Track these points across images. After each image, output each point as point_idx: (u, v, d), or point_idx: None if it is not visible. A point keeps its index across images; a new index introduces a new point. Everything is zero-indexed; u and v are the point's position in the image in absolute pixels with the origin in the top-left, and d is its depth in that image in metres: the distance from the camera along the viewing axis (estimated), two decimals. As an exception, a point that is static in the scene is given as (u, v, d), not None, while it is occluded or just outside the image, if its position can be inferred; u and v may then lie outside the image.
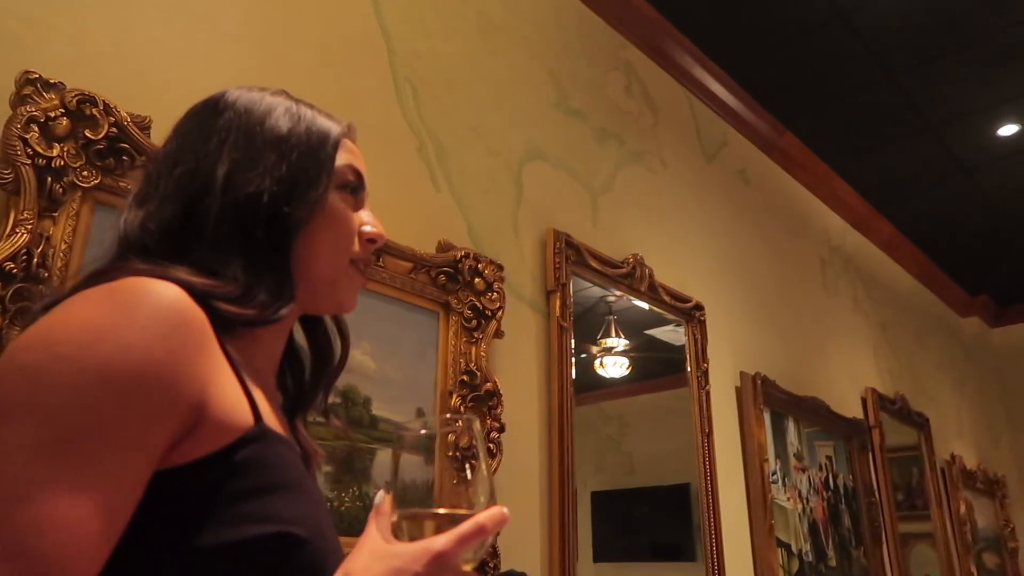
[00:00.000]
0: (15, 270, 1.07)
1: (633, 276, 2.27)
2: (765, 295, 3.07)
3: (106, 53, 1.29)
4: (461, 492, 0.62)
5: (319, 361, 0.84)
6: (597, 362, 2.29)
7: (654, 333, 2.47)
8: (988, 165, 3.73)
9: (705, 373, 2.44)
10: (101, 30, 1.29)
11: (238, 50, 1.49)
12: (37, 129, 1.13)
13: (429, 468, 0.63)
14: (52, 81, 1.17)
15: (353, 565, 0.58)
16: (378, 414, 1.51)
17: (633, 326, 2.38)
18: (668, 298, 2.39)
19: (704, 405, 2.39)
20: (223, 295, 0.65)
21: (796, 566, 2.67)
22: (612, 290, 2.23)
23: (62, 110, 1.16)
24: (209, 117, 0.74)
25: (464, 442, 0.64)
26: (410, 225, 1.68)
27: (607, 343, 2.30)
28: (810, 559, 2.76)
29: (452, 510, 0.60)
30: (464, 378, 1.67)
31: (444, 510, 0.61)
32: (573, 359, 1.98)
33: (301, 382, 0.84)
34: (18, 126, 1.12)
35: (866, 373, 3.70)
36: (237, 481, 0.59)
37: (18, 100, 1.14)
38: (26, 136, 1.12)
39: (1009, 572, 4.48)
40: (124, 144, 1.22)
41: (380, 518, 0.61)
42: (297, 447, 0.74)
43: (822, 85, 3.16)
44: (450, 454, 0.64)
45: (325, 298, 0.77)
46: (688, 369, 2.42)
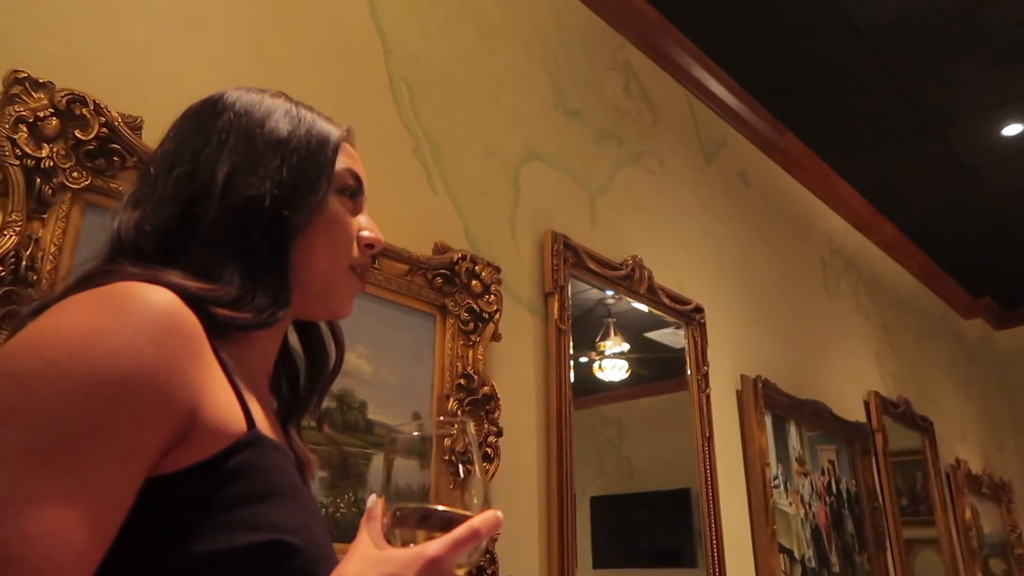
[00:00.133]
0: (3, 273, 1.07)
1: (632, 278, 2.27)
2: (766, 297, 3.07)
3: (97, 52, 1.29)
4: (455, 496, 0.62)
5: (313, 366, 0.84)
6: (596, 365, 2.29)
7: (653, 336, 2.47)
8: (992, 165, 3.74)
9: (705, 376, 2.44)
10: (92, 28, 1.29)
11: (231, 50, 1.49)
12: (26, 129, 1.13)
13: (423, 472, 0.63)
14: (41, 80, 1.16)
15: (345, 571, 0.58)
16: (374, 418, 1.51)
17: (632, 329, 2.38)
18: (668, 300, 2.39)
19: (704, 409, 2.39)
20: (218, 298, 0.65)
21: (799, 572, 2.67)
22: (611, 292, 2.23)
23: (51, 110, 1.16)
24: (208, 118, 0.74)
25: (460, 446, 0.64)
26: (406, 227, 1.68)
27: (606, 346, 2.30)
28: (813, 565, 2.76)
29: (445, 513, 0.60)
30: (461, 382, 1.66)
31: (437, 513, 0.61)
32: (571, 362, 1.98)
33: (296, 387, 0.83)
34: (6, 126, 1.11)
35: (868, 376, 3.70)
36: (230, 488, 0.59)
37: (6, 100, 1.13)
38: (14, 136, 1.12)
39: (1015, 578, 4.49)
40: (115, 145, 1.21)
41: (371, 523, 0.61)
42: (291, 453, 0.74)
43: (823, 84, 3.16)
44: (445, 458, 0.63)
45: (321, 304, 0.77)
46: (688, 372, 2.42)
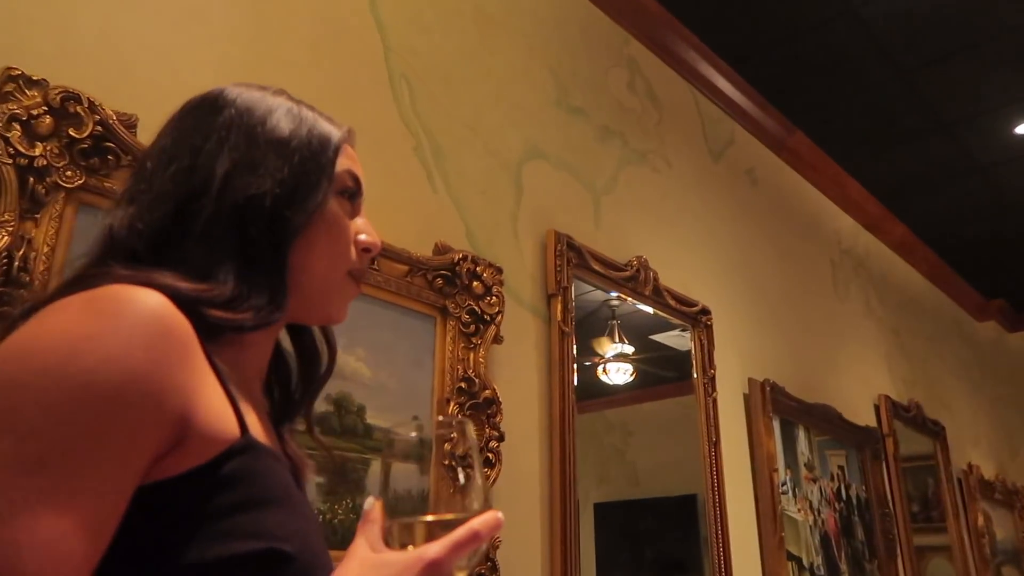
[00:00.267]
0: (-4, 274, 1.07)
1: (637, 279, 2.27)
2: (774, 299, 3.07)
3: (91, 48, 1.29)
4: (456, 501, 0.62)
5: (305, 369, 0.84)
6: (600, 368, 2.29)
7: (659, 338, 2.47)
8: (1005, 164, 3.73)
9: (712, 380, 2.44)
10: (86, 25, 1.30)
11: (228, 45, 1.49)
12: (19, 127, 1.13)
13: (422, 477, 0.63)
14: (35, 78, 1.17)
15: None
16: (372, 423, 1.51)
17: (637, 331, 2.38)
18: (673, 302, 2.39)
19: (711, 413, 2.39)
20: (213, 299, 0.65)
21: (807, 580, 2.67)
22: (615, 294, 2.24)
23: (45, 108, 1.16)
24: (208, 114, 0.74)
25: (460, 450, 0.64)
26: (406, 227, 1.69)
27: (610, 349, 2.30)
28: (822, 573, 2.76)
29: (444, 516, 0.60)
30: (462, 385, 1.66)
31: (436, 516, 0.61)
32: (575, 365, 1.98)
33: (288, 391, 0.83)
34: (-1, 124, 1.12)
35: (879, 379, 3.70)
36: (223, 495, 0.59)
37: (-1, 97, 1.14)
38: (7, 135, 1.12)
39: (1029, 586, 4.48)
40: (109, 143, 1.22)
41: (369, 526, 0.61)
42: (285, 459, 0.74)
43: (833, 81, 3.16)
44: (445, 462, 0.64)
45: (316, 308, 0.77)
46: (694, 376, 2.42)
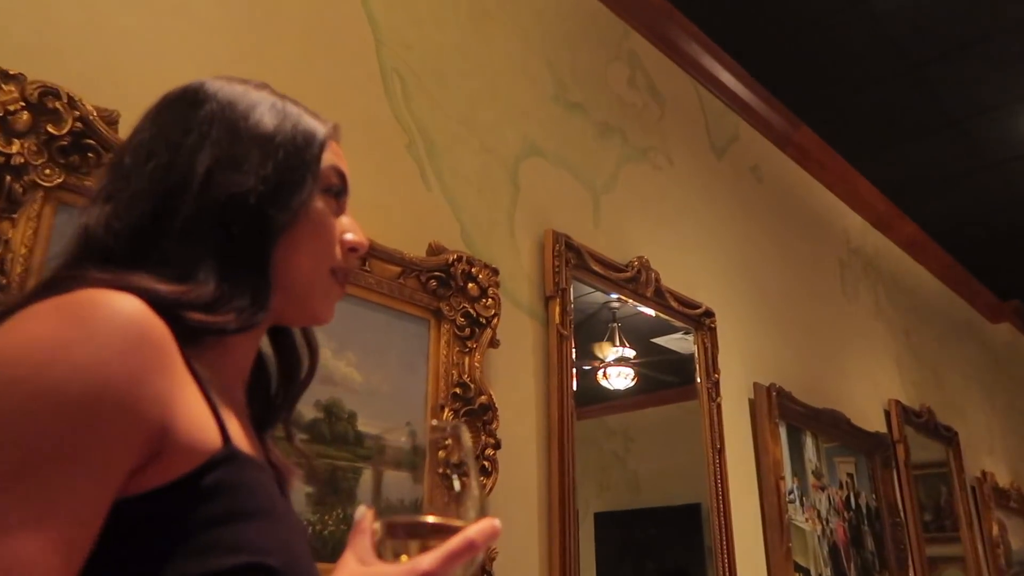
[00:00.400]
0: (-29, 276, 1.07)
1: (638, 280, 2.26)
2: (780, 300, 3.07)
3: (71, 42, 1.29)
4: (450, 511, 0.62)
5: (286, 373, 0.83)
6: (600, 373, 2.29)
7: (661, 341, 2.47)
8: (1018, 160, 3.74)
9: (716, 384, 2.43)
10: (66, 16, 1.29)
11: (214, 39, 1.49)
12: (-5, 124, 1.13)
13: (415, 486, 0.62)
14: (12, 72, 1.16)
15: None
16: (364, 430, 1.50)
17: (638, 334, 2.38)
18: (676, 304, 2.39)
19: (715, 419, 2.39)
20: (193, 301, 0.64)
21: (815, 592, 2.66)
22: (615, 295, 2.23)
23: (22, 103, 1.16)
24: (188, 108, 0.73)
25: (455, 457, 0.64)
26: (399, 226, 1.68)
27: (610, 352, 2.30)
28: (830, 584, 2.76)
29: (439, 523, 0.60)
30: (457, 391, 1.66)
31: (430, 524, 0.60)
32: (574, 370, 1.98)
33: (268, 396, 0.83)
34: (-25, 121, 1.12)
35: (889, 384, 3.70)
36: (205, 508, 0.59)
37: (-25, 93, 1.13)
38: (-16, 132, 1.12)
39: (1044, 597, 4.48)
40: (90, 140, 1.21)
41: (360, 536, 0.61)
42: (269, 467, 0.74)
43: (840, 76, 3.17)
44: (439, 470, 0.63)
45: (301, 308, 0.77)
46: (698, 380, 2.42)
